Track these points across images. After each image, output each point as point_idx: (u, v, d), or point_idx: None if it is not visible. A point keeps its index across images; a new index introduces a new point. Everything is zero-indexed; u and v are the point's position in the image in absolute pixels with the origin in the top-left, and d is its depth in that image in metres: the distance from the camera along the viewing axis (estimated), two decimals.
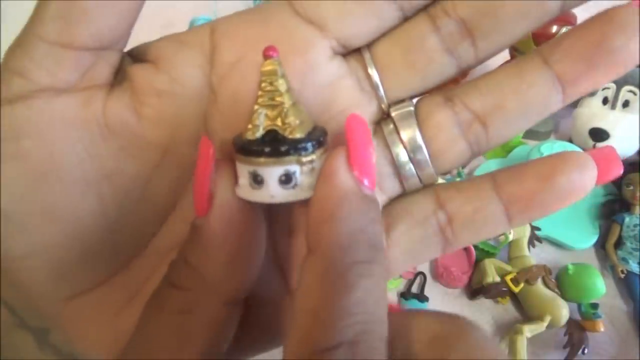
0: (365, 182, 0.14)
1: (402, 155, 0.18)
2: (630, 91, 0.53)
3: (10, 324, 0.18)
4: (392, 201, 0.19)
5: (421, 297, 0.47)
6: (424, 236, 0.18)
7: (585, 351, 0.42)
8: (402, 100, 0.18)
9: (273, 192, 0.15)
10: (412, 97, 0.18)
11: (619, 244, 0.48)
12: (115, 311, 0.18)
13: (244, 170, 0.15)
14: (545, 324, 0.43)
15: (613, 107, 0.53)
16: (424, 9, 0.17)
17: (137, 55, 0.17)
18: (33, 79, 0.15)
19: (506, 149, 0.57)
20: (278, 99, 0.15)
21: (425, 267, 0.49)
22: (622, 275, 0.47)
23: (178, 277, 0.15)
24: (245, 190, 0.15)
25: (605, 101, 0.54)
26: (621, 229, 0.48)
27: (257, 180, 0.15)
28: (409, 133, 0.18)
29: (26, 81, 0.15)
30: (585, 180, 0.17)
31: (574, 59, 0.16)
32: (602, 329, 0.42)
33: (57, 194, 0.16)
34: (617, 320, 0.45)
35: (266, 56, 0.15)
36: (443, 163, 0.18)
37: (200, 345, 0.15)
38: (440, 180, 0.54)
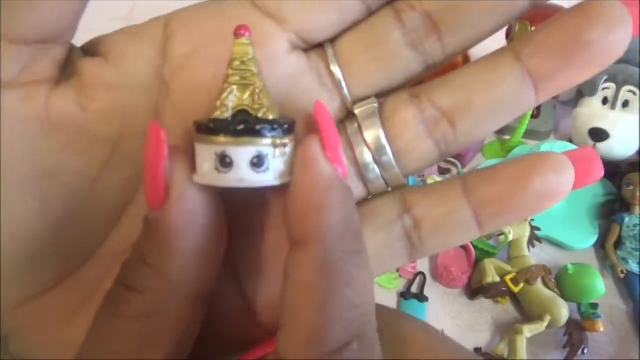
0: (339, 170, 0.14)
1: (367, 155, 0.17)
2: (630, 91, 0.53)
3: None
4: (357, 205, 0.17)
5: (421, 297, 0.47)
6: (388, 242, 0.17)
7: (585, 351, 0.42)
8: (366, 98, 0.17)
9: (242, 175, 0.14)
10: (377, 95, 0.18)
11: (618, 244, 0.48)
12: (67, 316, 0.17)
13: (208, 153, 0.14)
14: (545, 324, 0.43)
15: (613, 107, 0.53)
16: (389, 2, 0.17)
17: (89, 49, 0.17)
18: None
19: (506, 149, 0.57)
20: (251, 78, 0.14)
21: (425, 267, 0.49)
22: (622, 275, 0.47)
23: (135, 279, 0.14)
24: (210, 175, 0.14)
25: (605, 101, 0.54)
26: (621, 229, 0.48)
27: (224, 163, 0.14)
28: (373, 132, 0.17)
29: None
30: (563, 183, 0.16)
31: (547, 53, 0.16)
32: (601, 329, 0.42)
33: None
34: (616, 320, 0.45)
35: (238, 34, 0.14)
36: (409, 163, 0.17)
37: (164, 349, 0.14)
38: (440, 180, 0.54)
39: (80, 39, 0.17)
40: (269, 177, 0.14)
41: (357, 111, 0.17)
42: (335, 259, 0.13)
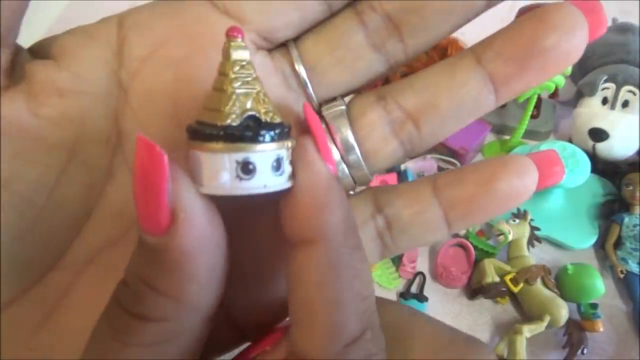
0: (332, 168, 0.14)
1: (335, 155, 0.17)
2: (630, 91, 0.53)
3: None
4: None
5: (420, 297, 0.47)
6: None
7: (585, 351, 0.42)
8: (333, 99, 0.18)
9: (266, 180, 0.13)
10: (342, 95, 0.18)
11: (618, 244, 0.48)
12: (35, 326, 0.16)
13: (227, 161, 0.13)
14: (544, 324, 0.43)
15: (612, 107, 0.53)
16: (351, 3, 0.17)
17: (38, 52, 0.16)
18: None
19: (506, 149, 0.57)
20: (253, 83, 0.14)
21: (424, 267, 0.49)
22: (622, 275, 0.47)
23: (148, 308, 0.13)
24: (231, 185, 0.13)
25: (604, 101, 0.54)
26: (620, 229, 0.48)
27: (247, 170, 0.13)
28: (342, 133, 0.17)
29: None
30: (526, 185, 0.16)
31: (505, 59, 0.16)
32: (601, 329, 0.42)
33: None
34: (616, 320, 0.45)
35: (231, 36, 0.13)
36: (375, 163, 0.18)
37: None
38: None
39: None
40: (283, 180, 0.14)
41: (325, 113, 0.17)
42: (343, 255, 0.13)
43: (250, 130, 0.13)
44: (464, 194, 0.17)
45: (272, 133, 0.13)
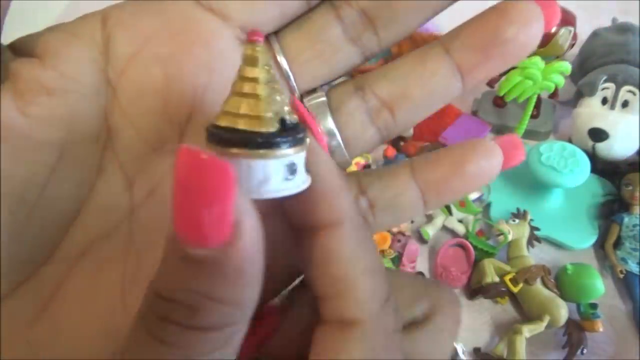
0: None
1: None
2: (630, 91, 0.53)
3: None
4: None
5: None
6: None
7: (584, 351, 0.42)
8: (314, 90, 0.19)
9: (303, 178, 0.14)
10: (322, 85, 0.19)
11: (618, 244, 0.48)
12: (28, 322, 0.16)
13: (278, 166, 0.14)
14: (544, 324, 0.43)
15: (612, 107, 0.53)
16: None
17: (21, 50, 0.16)
18: None
19: None
20: (277, 86, 0.14)
21: (424, 267, 0.49)
22: (621, 275, 0.47)
23: (208, 320, 0.12)
24: (282, 186, 0.14)
25: (604, 101, 0.54)
26: (620, 229, 0.48)
27: (292, 171, 0.14)
28: (324, 122, 0.19)
29: None
30: (492, 167, 0.18)
31: (470, 49, 0.18)
32: (601, 329, 0.42)
33: None
34: (616, 320, 0.45)
35: (254, 41, 0.14)
36: (355, 148, 0.19)
37: None
38: None
39: None
40: (307, 177, 0.15)
41: (307, 104, 0.19)
42: (363, 230, 0.15)
43: (291, 135, 0.14)
44: (438, 175, 0.18)
45: (304, 134, 0.14)
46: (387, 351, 0.15)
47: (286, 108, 0.14)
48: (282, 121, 0.14)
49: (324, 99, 0.19)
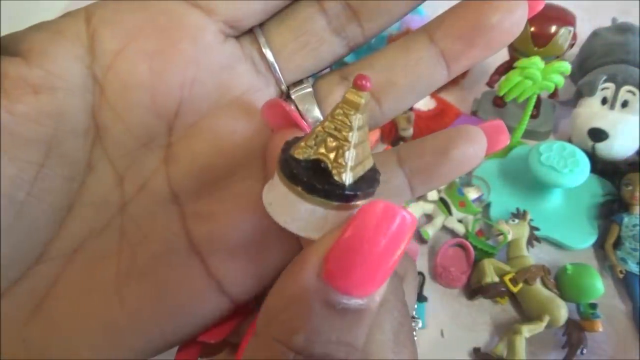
0: None
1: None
2: (630, 91, 0.53)
3: None
4: None
5: (420, 297, 0.47)
6: None
7: (584, 351, 0.42)
8: (300, 82, 0.19)
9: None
10: (308, 77, 0.19)
11: (617, 244, 0.48)
12: (23, 320, 0.16)
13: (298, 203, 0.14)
14: (544, 324, 0.43)
15: (612, 107, 0.53)
16: None
17: (5, 48, 0.16)
18: None
19: (505, 149, 0.57)
20: (347, 136, 0.13)
21: (424, 267, 0.49)
22: (621, 276, 0.47)
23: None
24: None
25: (604, 101, 0.54)
26: (620, 229, 0.48)
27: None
28: (311, 113, 0.19)
29: None
30: (477, 152, 0.18)
31: (454, 37, 0.18)
32: (600, 329, 0.42)
33: None
34: (615, 320, 0.45)
35: (358, 86, 0.13)
36: None
37: None
38: None
39: None
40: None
41: (294, 95, 0.19)
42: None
43: (363, 189, 0.14)
44: (424, 162, 0.18)
45: (374, 188, 0.14)
46: None
47: (366, 155, 0.14)
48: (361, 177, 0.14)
49: (310, 89, 0.19)
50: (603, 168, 0.53)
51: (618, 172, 0.52)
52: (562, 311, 0.43)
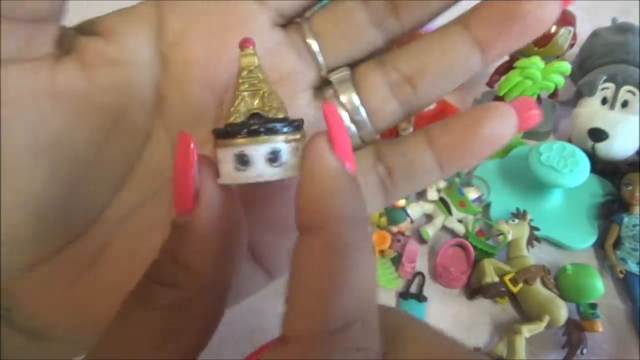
0: (347, 165, 0.15)
1: (343, 116, 0.20)
2: (630, 91, 0.53)
3: None
4: None
5: (420, 297, 0.47)
6: (365, 189, 0.19)
7: (584, 351, 0.42)
8: (339, 67, 0.20)
9: (260, 171, 0.15)
10: (348, 65, 0.20)
11: (617, 244, 0.48)
12: (73, 279, 0.18)
13: (228, 155, 0.15)
14: (544, 324, 0.43)
15: (612, 107, 0.53)
16: None
17: (84, 30, 0.18)
18: None
19: (505, 149, 0.57)
20: (259, 85, 0.15)
21: (424, 267, 0.49)
22: (621, 276, 0.47)
23: (167, 275, 0.15)
24: (230, 175, 0.15)
25: (604, 101, 0.54)
26: (620, 229, 0.48)
27: (242, 162, 0.15)
28: (347, 95, 0.19)
29: None
30: (507, 129, 0.18)
31: (489, 25, 0.18)
32: (600, 329, 0.42)
33: (8, 163, 0.15)
34: (615, 320, 0.45)
35: (243, 47, 0.15)
36: (379, 121, 0.20)
37: (188, 340, 0.15)
38: (440, 180, 0.53)
39: None
40: (283, 170, 0.15)
41: (332, 78, 0.20)
42: (340, 244, 0.14)
43: (246, 127, 0.15)
44: (453, 140, 0.18)
45: (268, 127, 0.15)
46: None
47: (272, 104, 0.15)
48: (257, 116, 0.15)
49: (347, 72, 0.20)
50: (603, 168, 0.53)
51: (618, 172, 0.52)
52: (562, 311, 0.43)
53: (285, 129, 0.15)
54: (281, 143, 0.15)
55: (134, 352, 0.14)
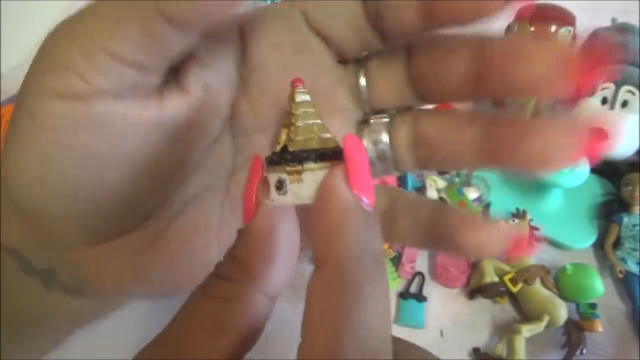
0: (364, 199, 0.15)
1: (368, 149, 0.22)
2: (629, 91, 0.53)
3: (15, 269, 0.20)
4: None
5: (419, 297, 0.47)
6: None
7: (584, 351, 0.42)
8: (381, 111, 0.22)
9: (272, 196, 0.17)
10: (390, 109, 0.22)
11: (617, 243, 0.48)
12: (136, 252, 0.20)
13: (270, 180, 0.17)
14: (543, 323, 0.43)
15: (612, 107, 0.53)
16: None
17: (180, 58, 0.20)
18: (94, 85, 0.16)
19: None
20: (292, 120, 0.17)
21: (424, 267, 0.49)
22: (621, 275, 0.47)
23: (225, 270, 0.17)
24: (273, 197, 0.17)
25: (604, 101, 0.54)
26: (620, 229, 0.49)
27: (279, 187, 0.17)
28: (379, 139, 0.21)
29: (88, 85, 0.16)
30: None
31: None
32: (600, 329, 0.43)
33: (106, 174, 0.18)
34: (615, 320, 0.45)
35: (292, 85, 0.17)
36: (401, 164, 0.22)
37: (236, 333, 0.15)
38: (440, 181, 0.53)
39: None
40: (287, 198, 0.17)
41: (372, 121, 0.22)
42: (351, 281, 0.13)
43: (269, 157, 0.17)
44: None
45: (273, 159, 0.17)
46: None
47: (295, 138, 0.17)
48: (284, 148, 0.17)
49: (386, 120, 0.22)
50: (603, 168, 0.53)
51: (618, 172, 0.52)
52: (562, 311, 0.43)
53: (286, 162, 0.17)
54: (283, 174, 0.17)
55: (190, 334, 0.15)
